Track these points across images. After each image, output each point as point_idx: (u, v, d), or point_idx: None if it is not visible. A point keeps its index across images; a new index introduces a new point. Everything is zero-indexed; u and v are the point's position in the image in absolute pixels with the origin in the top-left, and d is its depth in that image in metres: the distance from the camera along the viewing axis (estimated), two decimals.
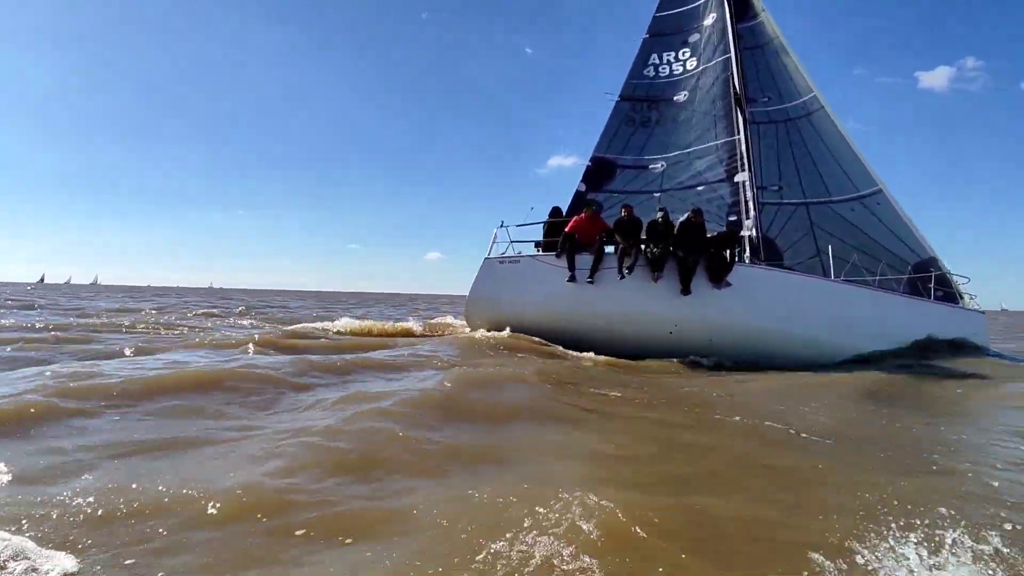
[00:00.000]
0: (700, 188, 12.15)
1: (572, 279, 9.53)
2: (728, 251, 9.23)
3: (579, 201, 12.63)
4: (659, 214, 9.48)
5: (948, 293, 9.82)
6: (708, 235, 9.39)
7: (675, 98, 13.84)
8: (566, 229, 9.92)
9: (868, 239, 11.00)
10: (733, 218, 11.15)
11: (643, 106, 13.98)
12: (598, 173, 13.18)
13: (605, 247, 9.65)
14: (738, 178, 11.67)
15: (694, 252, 9.05)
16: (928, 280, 9.88)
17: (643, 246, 9.33)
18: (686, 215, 9.46)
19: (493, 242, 10.53)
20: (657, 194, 12.64)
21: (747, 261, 9.78)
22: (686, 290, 8.97)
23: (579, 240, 9.76)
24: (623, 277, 9.19)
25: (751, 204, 11.11)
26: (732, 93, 12.50)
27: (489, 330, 10.67)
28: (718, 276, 8.91)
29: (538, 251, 11.03)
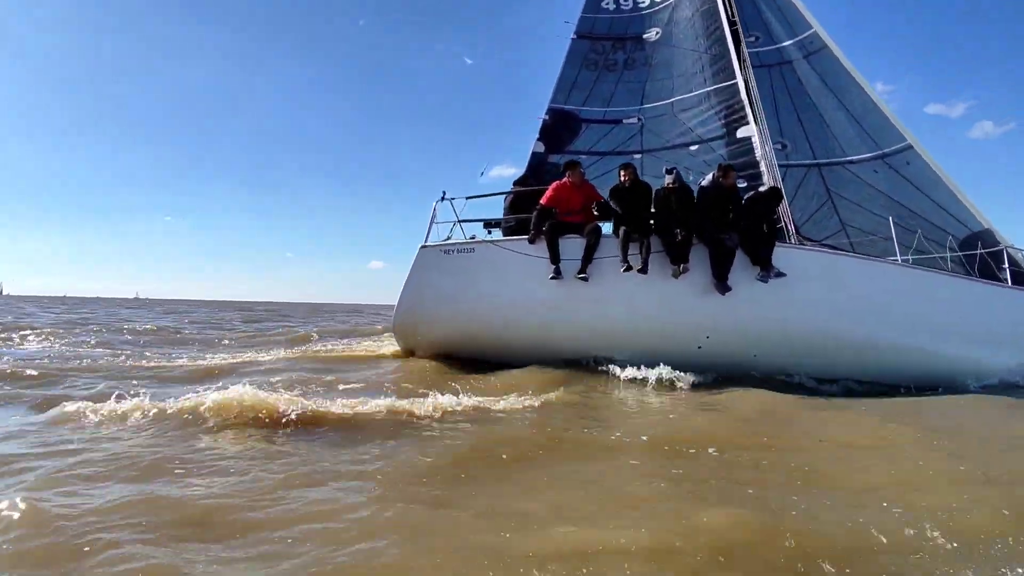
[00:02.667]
0: (694, 148, 9.47)
1: (557, 274, 6.48)
2: (767, 221, 6.55)
3: (540, 166, 9.58)
4: (668, 178, 6.59)
5: (1018, 273, 7.75)
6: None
7: (644, 36, 11.03)
8: (542, 201, 6.83)
9: (903, 208, 8.78)
10: (742, 184, 8.56)
11: (605, 45, 11.06)
12: (559, 129, 10.13)
13: (602, 227, 6.67)
14: (743, 132, 9.08)
15: (730, 228, 6.28)
16: (993, 258, 7.77)
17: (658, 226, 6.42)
18: (711, 176, 6.67)
19: (432, 222, 7.23)
20: (638, 155, 9.83)
21: (795, 240, 7.17)
22: (724, 285, 6.18)
23: (561, 216, 6.71)
24: (629, 268, 6.23)
25: (765, 165, 8.55)
26: (727, 23, 9.86)
27: (429, 352, 7.47)
28: (766, 259, 6.19)
29: (489, 233, 7.91)
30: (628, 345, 6.46)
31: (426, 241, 7.20)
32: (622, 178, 6.59)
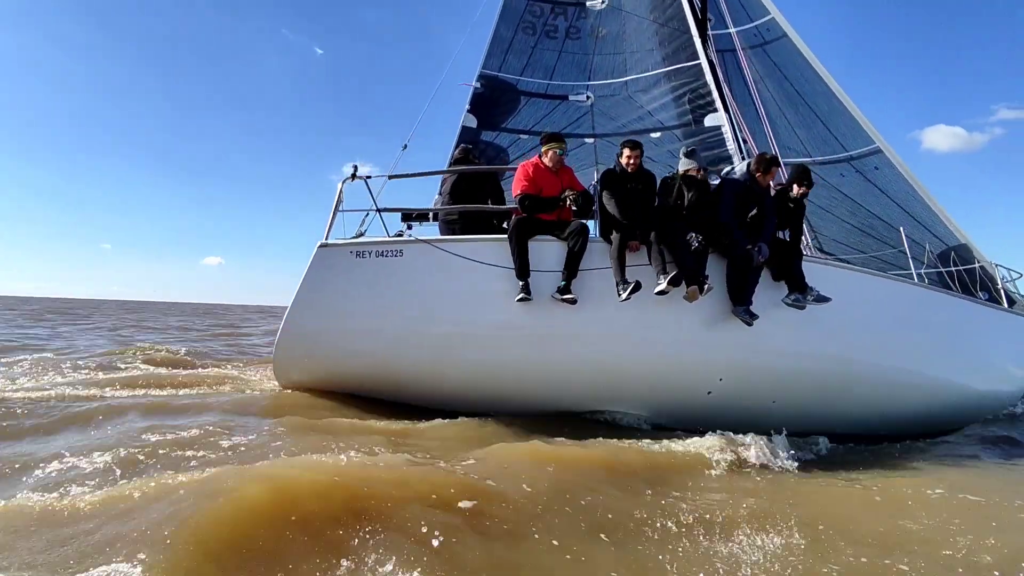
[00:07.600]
0: (656, 135, 7.99)
1: (526, 294, 4.53)
2: (794, 226, 5.20)
3: (473, 147, 7.55)
4: (688, 163, 4.90)
5: (993, 295, 7.15)
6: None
7: (588, 4, 9.37)
8: (518, 190, 4.84)
9: (873, 217, 7.96)
10: (714, 180, 7.21)
11: (544, 8, 9.24)
12: (494, 100, 8.17)
13: (589, 228, 4.84)
14: (711, 120, 7.76)
15: (760, 237, 4.74)
16: (965, 275, 7.12)
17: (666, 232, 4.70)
18: (744, 166, 5.15)
19: (337, 209, 4.95)
20: (590, 140, 8.17)
21: (814, 253, 5.87)
22: (750, 312, 4.62)
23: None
24: (637, 289, 4.44)
25: (739, 159, 7.28)
26: None
27: (325, 389, 5.25)
28: (800, 277, 4.71)
29: (409, 228, 5.82)
30: (620, 390, 4.73)
31: (327, 237, 4.90)
32: (626, 160, 4.79)
